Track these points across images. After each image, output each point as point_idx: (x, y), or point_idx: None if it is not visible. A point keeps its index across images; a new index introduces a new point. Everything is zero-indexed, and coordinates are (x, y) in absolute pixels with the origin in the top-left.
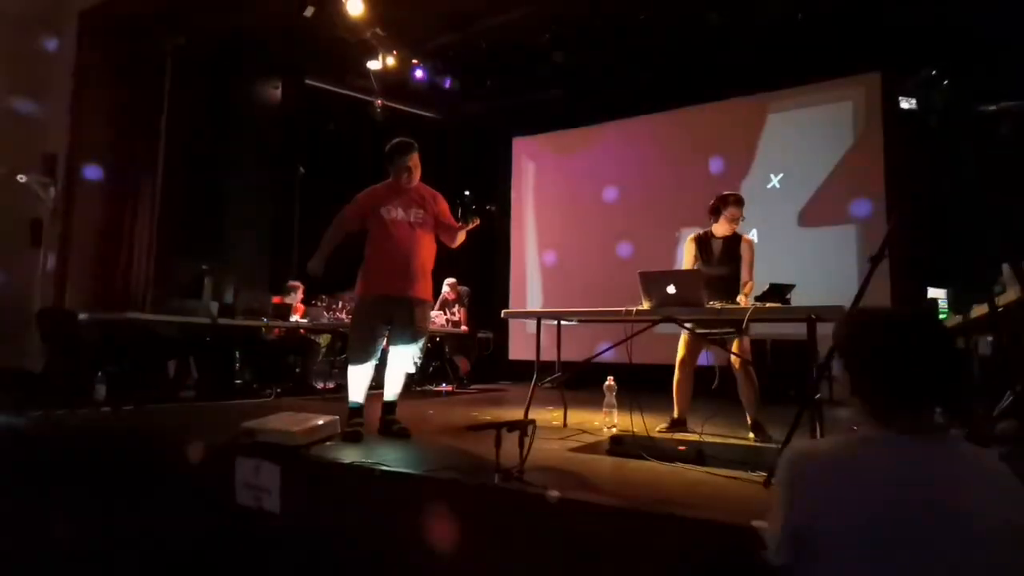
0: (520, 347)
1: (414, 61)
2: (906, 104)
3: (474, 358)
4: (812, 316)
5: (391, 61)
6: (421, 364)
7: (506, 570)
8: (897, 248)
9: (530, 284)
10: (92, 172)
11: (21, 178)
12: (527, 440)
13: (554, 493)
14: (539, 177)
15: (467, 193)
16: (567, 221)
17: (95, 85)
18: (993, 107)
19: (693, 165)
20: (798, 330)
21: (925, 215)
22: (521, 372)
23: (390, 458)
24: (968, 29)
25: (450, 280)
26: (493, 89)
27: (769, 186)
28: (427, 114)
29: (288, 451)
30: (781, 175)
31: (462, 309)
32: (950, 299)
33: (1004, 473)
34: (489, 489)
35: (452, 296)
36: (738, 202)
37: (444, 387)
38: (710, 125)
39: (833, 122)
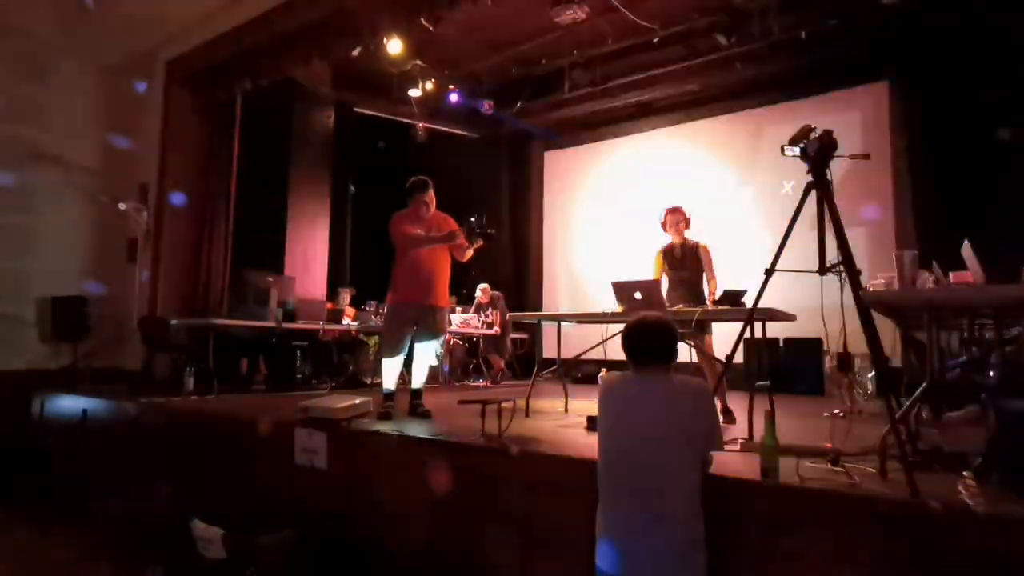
0: (552, 346)
1: (451, 87)
2: (790, 152)
3: (507, 357)
4: (755, 317)
5: (430, 86)
6: (461, 362)
7: (484, 500)
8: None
9: (561, 288)
10: (177, 199)
11: (122, 206)
12: (508, 413)
13: (515, 448)
14: (567, 187)
15: (472, 219)
16: (594, 228)
17: (178, 124)
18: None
19: (710, 174)
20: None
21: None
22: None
23: (407, 428)
24: (973, 36)
25: (483, 285)
26: (524, 108)
27: (782, 192)
28: (464, 132)
29: (332, 423)
30: (793, 182)
31: (495, 312)
32: None
33: (687, 394)
34: (474, 447)
35: (485, 300)
36: (672, 211)
37: (480, 383)
38: (725, 136)
39: (843, 130)
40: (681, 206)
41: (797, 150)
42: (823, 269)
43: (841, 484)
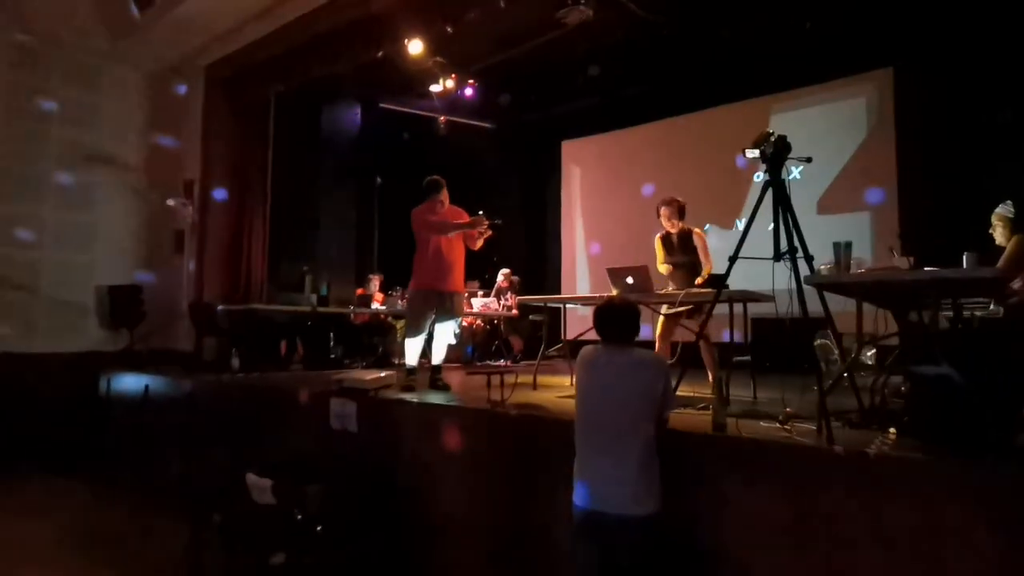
0: (572, 328)
1: (470, 81)
2: (751, 154)
3: (526, 338)
4: (735, 299)
5: (450, 83)
6: (483, 343)
7: (488, 455)
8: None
9: (579, 272)
10: (219, 194)
11: (170, 202)
12: (511, 386)
13: (514, 411)
14: (584, 176)
15: (480, 212)
16: (610, 215)
17: (218, 124)
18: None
19: (720, 161)
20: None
21: (932, 200)
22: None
23: (427, 398)
24: (976, 21)
25: (504, 271)
26: (540, 100)
27: (791, 177)
28: (484, 124)
29: (362, 393)
30: (801, 167)
31: (514, 296)
32: None
33: (646, 364)
34: (481, 412)
35: (506, 284)
36: (668, 203)
37: (501, 363)
38: (736, 124)
39: (848, 116)
40: (675, 197)
41: (757, 152)
42: (777, 256)
43: (776, 437)
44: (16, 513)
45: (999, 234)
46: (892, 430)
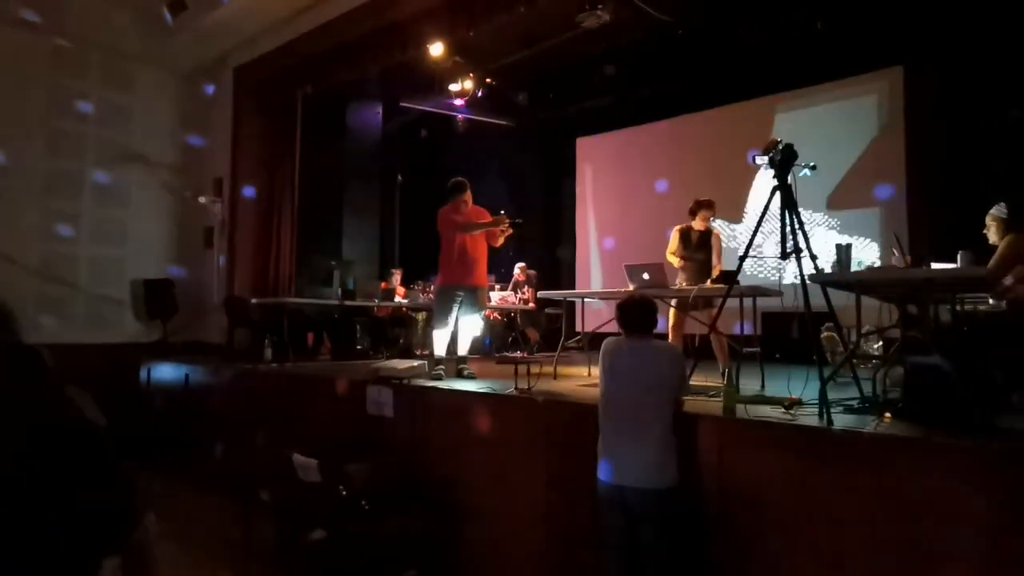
0: (589, 321)
1: (487, 80)
2: (760, 160)
3: (542, 330)
4: (745, 293)
5: (469, 85)
6: (500, 336)
7: (512, 439)
8: (917, 228)
9: (593, 266)
10: (248, 192)
11: (202, 199)
12: (536, 375)
13: (540, 398)
14: (598, 172)
15: (502, 212)
16: (623, 211)
17: (247, 124)
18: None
19: (733, 158)
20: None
21: (951, 195)
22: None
23: (456, 385)
24: (984, 20)
25: (520, 264)
26: (557, 98)
27: (801, 174)
28: (501, 122)
29: (397, 381)
30: (813, 163)
31: (531, 289)
32: None
33: (664, 354)
34: (509, 398)
35: (522, 278)
36: (709, 206)
37: (518, 354)
38: (748, 121)
39: (859, 114)
40: (713, 201)
41: (766, 159)
42: (784, 255)
43: (780, 421)
44: None
45: (992, 234)
46: (888, 414)
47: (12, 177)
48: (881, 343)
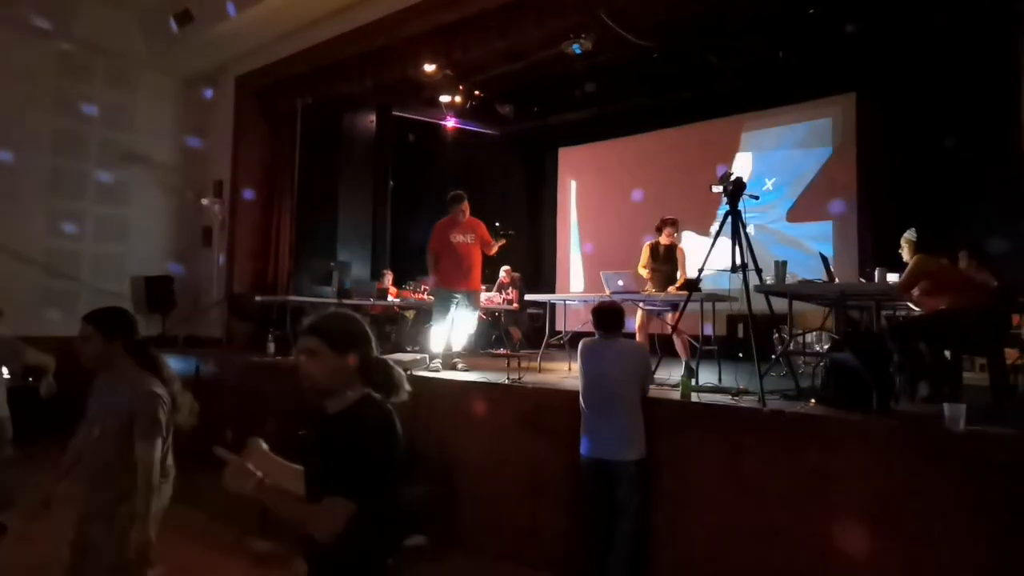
0: (568, 321)
1: (476, 92)
2: (716, 189)
3: (525, 329)
4: (704, 299)
5: (458, 98)
6: (484, 334)
7: (505, 421)
8: (866, 240)
9: (573, 269)
10: (248, 194)
11: (204, 201)
12: (524, 365)
13: (529, 385)
14: (579, 181)
15: (497, 224)
16: (602, 217)
17: (247, 129)
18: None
19: (702, 171)
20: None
21: (892, 211)
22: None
23: (454, 376)
24: (929, 54)
25: (505, 267)
26: (541, 110)
27: (764, 188)
28: (488, 131)
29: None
30: (774, 179)
31: (515, 291)
32: None
33: (631, 351)
34: (500, 386)
35: (507, 280)
36: (673, 223)
37: (502, 351)
38: (717, 137)
39: (816, 134)
40: (677, 219)
41: (721, 188)
42: (734, 268)
43: (724, 404)
44: None
45: (906, 253)
46: (812, 400)
47: (19, 176)
48: (830, 344)
